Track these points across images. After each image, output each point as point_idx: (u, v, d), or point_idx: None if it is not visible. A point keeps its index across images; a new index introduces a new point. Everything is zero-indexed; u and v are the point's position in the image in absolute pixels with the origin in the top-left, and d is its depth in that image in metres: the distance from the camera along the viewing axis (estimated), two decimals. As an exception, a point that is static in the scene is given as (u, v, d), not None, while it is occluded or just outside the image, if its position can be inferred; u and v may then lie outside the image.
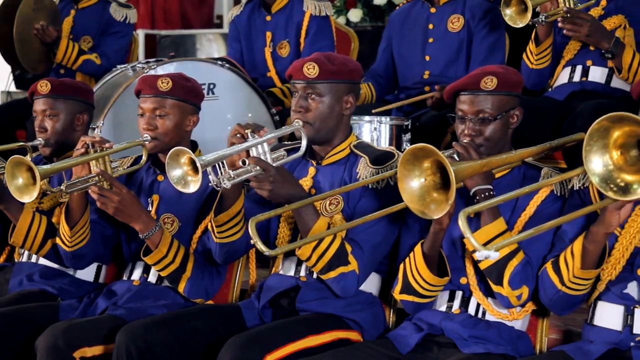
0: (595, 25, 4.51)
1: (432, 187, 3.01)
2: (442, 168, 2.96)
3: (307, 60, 3.66)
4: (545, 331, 3.49)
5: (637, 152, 2.75)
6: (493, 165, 3.28)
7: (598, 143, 2.75)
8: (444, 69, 5.04)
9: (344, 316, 3.61)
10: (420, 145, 2.98)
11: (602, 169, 2.75)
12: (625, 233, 3.15)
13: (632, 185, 2.73)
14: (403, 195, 3.01)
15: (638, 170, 2.74)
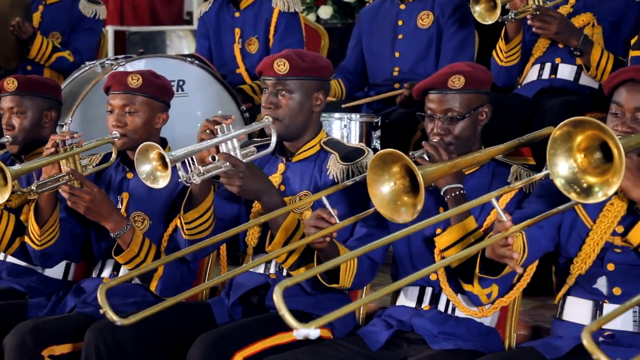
0: (564, 22, 4.54)
1: (402, 190, 3.02)
2: (411, 172, 2.97)
3: (278, 56, 3.66)
4: (514, 327, 3.50)
5: (601, 154, 2.77)
6: (462, 165, 3.30)
7: (562, 147, 2.76)
8: (413, 65, 5.04)
9: (314, 313, 3.61)
10: (388, 150, 2.99)
11: (567, 172, 2.77)
12: (597, 228, 3.16)
13: (594, 188, 2.75)
14: (373, 200, 3.02)
15: (602, 172, 2.75)
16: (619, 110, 3.14)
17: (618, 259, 3.15)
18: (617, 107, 3.15)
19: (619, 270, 3.15)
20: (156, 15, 9.02)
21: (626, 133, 3.09)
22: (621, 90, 3.16)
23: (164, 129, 4.02)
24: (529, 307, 4.05)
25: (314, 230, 3.22)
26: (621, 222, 3.15)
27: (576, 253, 3.20)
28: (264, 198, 3.53)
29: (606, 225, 3.14)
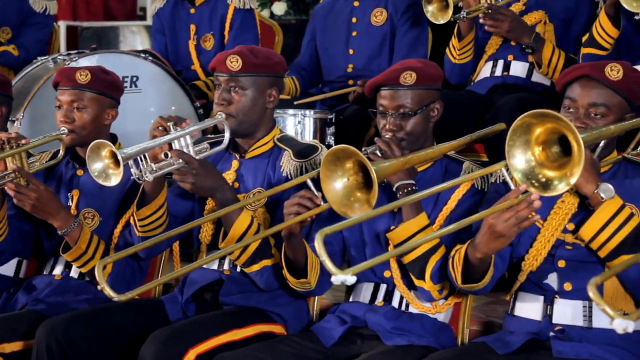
0: (516, 20, 4.57)
1: (355, 186, 3.03)
2: (364, 167, 2.98)
3: (231, 53, 3.66)
4: (467, 323, 3.52)
5: (559, 148, 2.79)
6: (414, 161, 3.31)
7: (521, 139, 2.78)
8: (367, 62, 5.06)
9: (268, 310, 3.61)
10: (341, 146, 2.99)
11: (524, 165, 2.79)
12: (548, 225, 3.18)
13: (553, 181, 2.76)
14: (327, 196, 3.02)
15: (559, 166, 2.77)
16: (572, 106, 3.17)
17: (569, 256, 3.18)
18: (570, 102, 3.17)
19: (570, 266, 3.18)
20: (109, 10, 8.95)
21: (579, 128, 3.11)
22: (575, 86, 3.18)
23: (117, 124, 3.99)
24: (482, 303, 4.08)
25: (295, 209, 3.21)
26: (572, 219, 3.18)
27: (528, 250, 3.22)
28: (218, 195, 3.52)
29: (557, 223, 3.17)
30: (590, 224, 3.06)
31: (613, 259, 3.06)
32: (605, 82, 3.13)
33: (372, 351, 3.32)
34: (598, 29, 4.28)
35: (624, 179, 3.21)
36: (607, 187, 3.03)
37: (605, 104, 3.13)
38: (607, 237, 3.04)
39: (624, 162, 3.26)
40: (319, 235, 2.49)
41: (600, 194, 3.03)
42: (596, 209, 3.05)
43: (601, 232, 3.05)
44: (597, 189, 3.03)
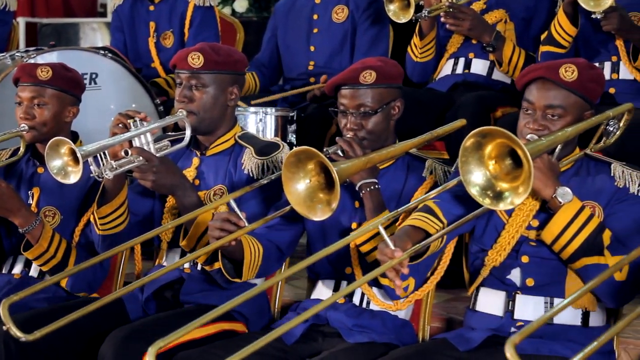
0: (477, 19, 4.60)
1: (317, 187, 3.04)
2: (326, 168, 2.98)
3: (192, 50, 3.65)
4: (428, 320, 3.54)
5: (511, 160, 2.81)
6: (376, 160, 3.32)
7: (473, 155, 2.80)
8: (328, 59, 5.06)
9: (229, 308, 3.60)
10: (302, 148, 3.00)
11: (480, 180, 2.81)
12: (512, 221, 3.20)
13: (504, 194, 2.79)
14: (289, 198, 3.03)
15: (513, 178, 2.79)
16: (530, 108, 3.19)
17: (532, 252, 3.20)
18: (528, 104, 3.20)
19: (533, 262, 3.20)
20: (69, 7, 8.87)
21: (537, 131, 3.13)
22: (532, 88, 3.20)
23: (77, 122, 3.97)
24: (443, 300, 4.09)
25: (218, 234, 3.19)
26: (536, 216, 3.20)
27: (492, 245, 3.24)
28: (178, 192, 3.50)
29: (521, 219, 3.18)
30: (550, 228, 3.08)
31: (575, 262, 3.08)
32: (560, 84, 3.15)
33: (334, 349, 3.32)
34: (556, 27, 4.32)
35: (587, 176, 3.23)
36: (565, 190, 3.05)
37: (561, 105, 3.15)
38: (567, 241, 3.06)
39: (586, 159, 3.29)
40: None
41: (558, 198, 3.05)
42: (555, 212, 3.07)
43: (561, 235, 3.07)
44: (555, 193, 3.06)
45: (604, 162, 3.26)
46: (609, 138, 3.38)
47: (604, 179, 3.21)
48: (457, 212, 3.14)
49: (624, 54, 4.33)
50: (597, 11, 4.10)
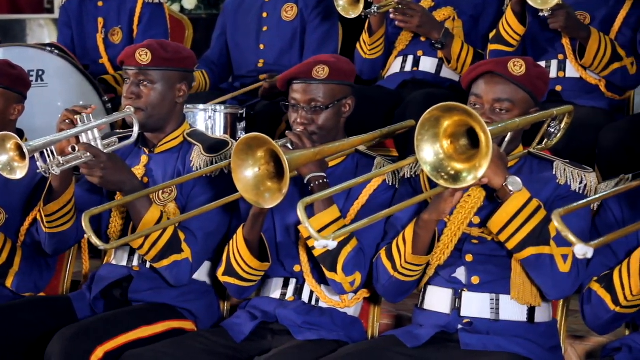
0: (426, 16, 4.62)
1: (266, 176, 3.03)
2: (276, 157, 2.98)
3: (140, 46, 3.63)
4: (377, 317, 3.55)
5: (467, 141, 2.82)
6: (326, 153, 3.31)
7: (429, 132, 2.80)
8: (278, 57, 5.05)
9: (178, 306, 3.59)
10: (253, 134, 2.99)
11: (433, 158, 2.81)
12: (454, 219, 3.22)
13: (462, 174, 2.79)
14: (237, 185, 3.02)
15: (467, 158, 2.80)
16: (478, 102, 3.21)
17: (476, 250, 3.22)
18: (476, 98, 3.22)
19: (478, 260, 3.22)
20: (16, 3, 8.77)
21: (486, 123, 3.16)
22: (480, 83, 3.23)
23: (23, 120, 3.92)
24: (392, 297, 4.10)
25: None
26: (478, 213, 3.22)
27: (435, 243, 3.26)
28: (127, 189, 3.48)
29: (463, 216, 3.20)
30: (499, 216, 3.10)
31: (520, 251, 3.10)
32: (508, 78, 3.18)
33: (283, 346, 3.33)
34: (504, 26, 4.35)
35: (529, 173, 3.26)
36: (515, 180, 3.08)
37: (509, 99, 3.18)
38: (515, 229, 3.09)
39: (530, 157, 3.32)
40: (300, 205, 2.75)
41: (508, 186, 3.07)
42: (504, 201, 3.10)
43: (509, 224, 3.09)
44: (506, 182, 3.08)
45: (546, 160, 3.29)
46: (550, 139, 3.42)
47: (547, 177, 3.24)
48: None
49: (570, 52, 4.37)
50: (544, 9, 4.14)
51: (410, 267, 3.20)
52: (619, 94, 4.44)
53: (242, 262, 3.40)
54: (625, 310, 3.04)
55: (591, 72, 4.37)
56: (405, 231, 3.18)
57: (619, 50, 4.29)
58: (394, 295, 3.33)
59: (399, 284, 3.26)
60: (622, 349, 3.10)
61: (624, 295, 3.01)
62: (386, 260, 3.24)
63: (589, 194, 3.19)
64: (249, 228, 3.35)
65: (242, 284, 3.46)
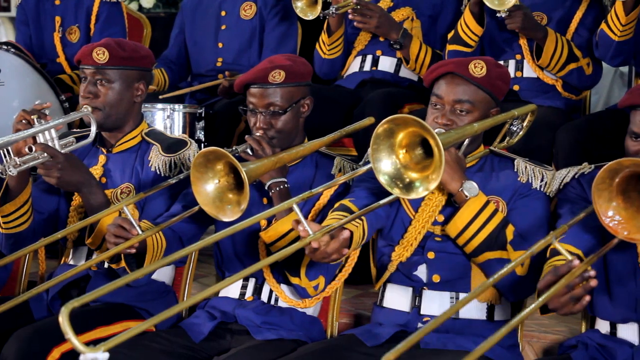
0: (384, 17, 4.64)
1: (226, 188, 3.03)
2: (235, 168, 2.97)
3: (97, 45, 3.61)
4: (336, 316, 3.55)
5: (422, 150, 2.83)
6: (286, 160, 3.32)
7: (384, 143, 2.81)
8: (237, 56, 5.04)
9: (136, 306, 3.57)
10: (211, 148, 2.99)
11: (390, 168, 2.82)
12: (419, 217, 3.23)
13: (415, 183, 2.81)
14: (198, 199, 3.02)
15: (422, 168, 2.82)
16: (439, 103, 3.23)
17: (438, 248, 3.24)
18: (437, 99, 3.23)
19: (439, 258, 3.24)
20: (-29, 1, 8.69)
21: (446, 125, 3.18)
22: (441, 83, 3.24)
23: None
24: (351, 296, 4.11)
25: (113, 239, 3.16)
26: (442, 211, 3.23)
27: (399, 240, 3.26)
28: (84, 190, 3.46)
29: (427, 214, 3.22)
30: (455, 222, 3.12)
31: (478, 256, 3.13)
32: (469, 79, 3.20)
33: (242, 346, 3.32)
34: (463, 27, 4.38)
35: (491, 172, 3.29)
36: (472, 185, 3.10)
37: (469, 101, 3.20)
38: (472, 235, 3.11)
39: (491, 156, 3.34)
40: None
41: (464, 192, 3.09)
42: (461, 206, 3.11)
43: (466, 229, 3.11)
44: (462, 187, 3.10)
45: (508, 158, 3.32)
46: (512, 137, 3.45)
47: (508, 175, 3.26)
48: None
49: (527, 53, 4.41)
50: (501, 10, 4.17)
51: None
52: (576, 94, 4.49)
53: None
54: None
55: (548, 72, 4.41)
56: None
57: (575, 50, 4.33)
58: None
59: None
60: (578, 347, 3.13)
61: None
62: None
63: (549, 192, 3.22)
64: None
65: None
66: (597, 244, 2.98)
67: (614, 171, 2.61)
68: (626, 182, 2.63)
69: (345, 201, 3.18)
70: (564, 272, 2.58)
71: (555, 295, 2.58)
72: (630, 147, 2.97)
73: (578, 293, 2.57)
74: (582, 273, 2.56)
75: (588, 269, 2.57)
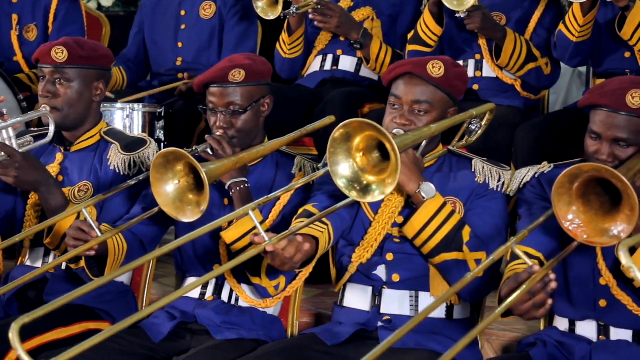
0: (345, 16, 4.64)
1: (186, 188, 3.03)
2: (195, 169, 2.96)
3: (56, 44, 3.60)
4: (297, 315, 3.55)
5: (379, 153, 2.84)
6: (246, 160, 3.32)
7: (341, 147, 2.82)
8: (196, 55, 5.03)
9: (95, 307, 3.55)
10: (171, 149, 2.98)
11: (347, 172, 2.83)
12: (378, 218, 3.24)
13: (372, 186, 2.81)
14: (158, 200, 3.00)
15: (379, 171, 2.82)
16: (397, 103, 3.24)
17: (396, 249, 3.24)
18: (395, 99, 3.24)
19: (398, 259, 3.24)
20: None
21: (404, 125, 3.18)
22: (399, 83, 3.25)
23: None
24: (312, 295, 4.11)
25: (73, 242, 3.14)
26: (401, 213, 3.24)
27: (359, 242, 3.27)
28: (42, 189, 3.43)
29: (387, 216, 3.22)
30: (412, 223, 3.13)
31: (434, 257, 3.14)
32: (427, 79, 3.21)
33: (202, 346, 3.31)
34: (422, 27, 4.40)
35: (449, 172, 3.30)
36: (429, 186, 3.11)
37: (428, 101, 3.21)
38: (429, 236, 3.12)
39: (449, 156, 3.35)
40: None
41: (421, 193, 3.10)
42: (418, 208, 3.12)
43: (423, 231, 3.12)
44: (419, 189, 3.10)
45: (466, 158, 3.33)
46: (471, 136, 3.46)
47: (466, 175, 3.28)
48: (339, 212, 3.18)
49: (486, 53, 4.44)
50: (460, 11, 4.20)
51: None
52: (534, 94, 4.52)
53: None
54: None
55: (507, 72, 4.44)
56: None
57: (534, 50, 4.36)
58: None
59: None
60: (536, 344, 3.15)
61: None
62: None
63: (506, 192, 3.24)
64: None
65: None
66: (557, 246, 3.01)
67: (573, 176, 2.64)
68: (585, 186, 2.65)
69: (309, 206, 3.19)
70: (525, 279, 2.60)
71: (518, 302, 2.61)
72: (590, 146, 2.99)
73: (540, 299, 2.59)
74: (543, 278, 2.58)
75: (549, 273, 2.60)
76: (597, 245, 2.74)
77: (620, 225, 2.61)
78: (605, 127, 2.98)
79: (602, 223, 2.66)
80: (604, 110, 2.98)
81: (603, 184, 2.64)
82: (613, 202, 2.65)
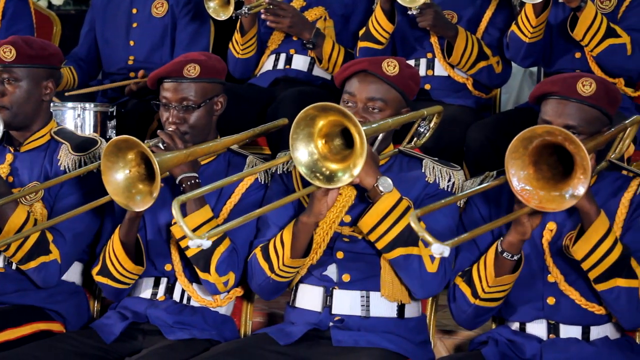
0: (297, 16, 4.65)
1: (137, 178, 3.02)
2: (146, 159, 2.96)
3: (4, 43, 3.58)
4: (250, 315, 3.55)
5: (341, 141, 2.85)
6: (198, 154, 3.31)
7: (304, 131, 2.82)
8: (148, 54, 5.00)
9: (45, 307, 3.52)
10: (123, 137, 2.97)
11: (308, 158, 2.83)
12: (326, 218, 3.23)
13: (337, 174, 2.82)
14: (108, 188, 2.99)
15: (342, 159, 2.83)
16: (351, 100, 3.24)
17: (346, 248, 3.25)
18: (349, 96, 3.25)
19: (348, 258, 3.25)
20: None
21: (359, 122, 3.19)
22: (353, 81, 3.26)
23: None
24: (265, 295, 4.11)
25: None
26: (349, 212, 3.25)
27: None
28: None
29: (335, 215, 3.22)
30: (369, 217, 3.13)
31: (389, 252, 3.15)
32: (382, 77, 3.22)
33: (154, 346, 3.30)
34: (374, 23, 4.41)
35: (399, 172, 3.31)
36: (386, 180, 3.11)
37: (382, 99, 3.22)
38: (385, 230, 3.12)
39: (400, 155, 3.37)
40: (175, 203, 2.77)
41: (379, 187, 3.11)
42: (375, 202, 3.13)
43: (379, 224, 3.13)
44: (377, 183, 3.11)
45: (416, 158, 3.35)
46: (419, 139, 3.48)
47: (416, 175, 3.29)
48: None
49: (438, 51, 4.47)
50: (412, 8, 4.22)
51: (287, 269, 3.20)
52: (486, 93, 4.56)
53: (118, 263, 3.35)
54: (485, 304, 3.10)
55: (459, 70, 4.47)
56: (283, 233, 3.18)
57: (485, 49, 4.40)
58: (270, 294, 3.33)
59: (275, 284, 3.26)
60: (488, 342, 3.17)
61: (481, 288, 3.07)
62: (263, 261, 3.23)
63: (456, 192, 3.26)
64: (125, 230, 3.31)
65: (116, 285, 3.41)
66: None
67: (527, 139, 2.66)
68: (538, 154, 2.67)
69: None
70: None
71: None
72: None
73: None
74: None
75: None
76: (548, 210, 2.77)
77: (573, 189, 2.63)
78: (556, 114, 3.01)
79: (554, 190, 2.69)
80: (555, 98, 3.01)
81: (556, 153, 2.65)
82: (565, 173, 2.67)
